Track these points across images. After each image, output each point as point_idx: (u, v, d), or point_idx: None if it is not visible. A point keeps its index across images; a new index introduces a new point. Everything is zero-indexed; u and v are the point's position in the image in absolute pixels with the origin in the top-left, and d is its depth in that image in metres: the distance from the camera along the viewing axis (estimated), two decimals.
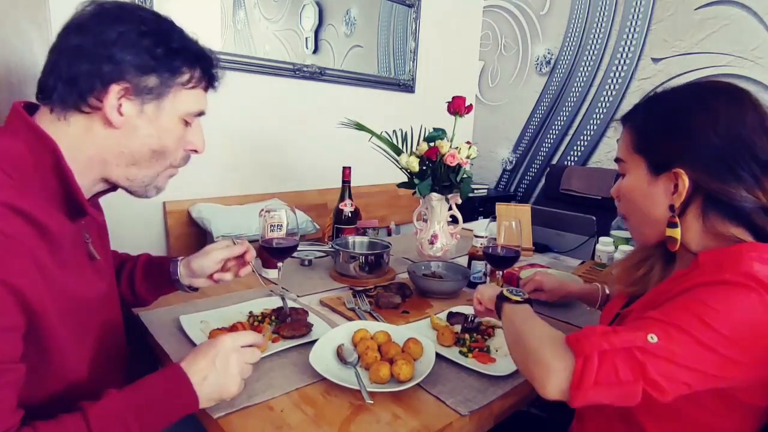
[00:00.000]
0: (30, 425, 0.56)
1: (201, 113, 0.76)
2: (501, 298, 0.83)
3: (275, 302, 1.07)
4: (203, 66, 0.74)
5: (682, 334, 0.58)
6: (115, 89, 0.65)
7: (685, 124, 0.68)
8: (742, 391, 0.62)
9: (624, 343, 0.59)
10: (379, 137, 1.45)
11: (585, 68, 2.61)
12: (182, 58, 0.70)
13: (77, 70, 0.64)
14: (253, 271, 0.95)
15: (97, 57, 0.64)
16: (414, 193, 1.41)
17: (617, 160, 0.78)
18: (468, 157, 1.40)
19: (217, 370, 0.68)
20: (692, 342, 0.57)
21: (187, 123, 0.74)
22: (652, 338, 0.58)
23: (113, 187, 0.76)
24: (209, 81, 0.76)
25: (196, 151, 0.78)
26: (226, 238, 1.69)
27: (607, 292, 1.04)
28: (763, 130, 0.66)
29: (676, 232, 0.69)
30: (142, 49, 0.66)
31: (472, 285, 1.30)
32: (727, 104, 0.67)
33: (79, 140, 0.66)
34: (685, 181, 0.67)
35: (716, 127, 0.66)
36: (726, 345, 0.57)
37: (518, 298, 0.81)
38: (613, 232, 1.54)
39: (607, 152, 2.56)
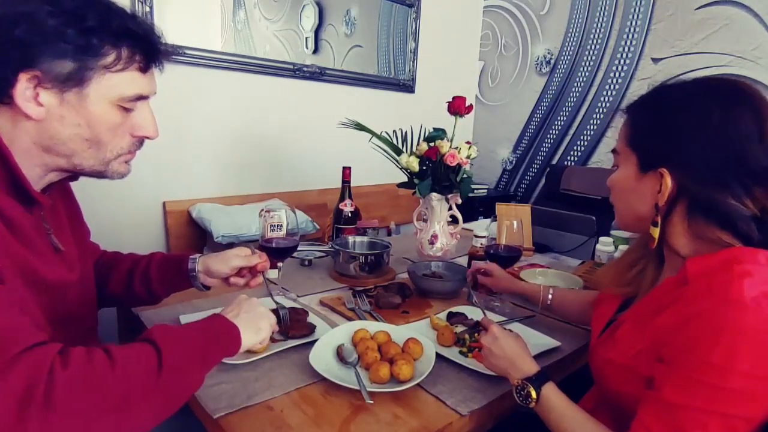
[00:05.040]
0: (103, 348, 0.55)
1: (141, 97, 0.68)
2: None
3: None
4: (132, 44, 0.65)
5: (717, 418, 0.56)
6: (23, 78, 0.59)
7: (676, 125, 0.66)
8: None
9: None
10: (379, 137, 1.45)
11: (585, 68, 2.61)
12: (100, 37, 0.62)
13: None
14: (264, 279, 0.98)
15: (5, 45, 0.59)
16: (414, 193, 1.41)
17: (613, 150, 0.77)
18: (468, 157, 1.40)
19: (245, 310, 0.77)
20: (727, 417, 0.56)
21: (125, 109, 0.67)
22: None
23: (72, 174, 0.71)
24: (145, 60, 0.68)
25: (148, 137, 0.72)
26: (227, 238, 1.70)
27: (549, 297, 1.05)
28: (759, 138, 0.62)
29: (655, 232, 0.69)
30: (49, 31, 0.59)
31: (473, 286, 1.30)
32: (723, 108, 0.64)
33: (10, 133, 0.63)
34: (668, 183, 0.66)
35: (707, 131, 0.63)
36: (756, 378, 0.56)
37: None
38: (613, 232, 1.54)
39: (607, 152, 2.55)
